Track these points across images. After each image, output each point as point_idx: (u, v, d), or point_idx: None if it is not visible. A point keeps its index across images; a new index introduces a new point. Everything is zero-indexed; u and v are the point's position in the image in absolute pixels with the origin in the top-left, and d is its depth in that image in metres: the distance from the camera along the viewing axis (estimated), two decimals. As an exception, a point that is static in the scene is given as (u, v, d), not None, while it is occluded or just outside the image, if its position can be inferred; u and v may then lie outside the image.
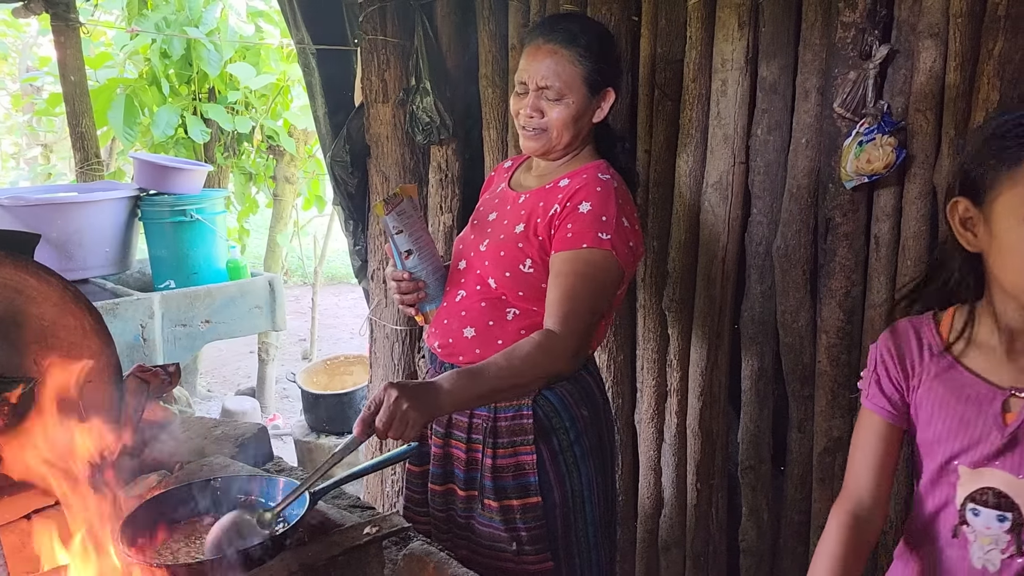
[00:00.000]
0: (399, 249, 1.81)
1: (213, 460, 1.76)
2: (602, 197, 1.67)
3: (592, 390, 1.85)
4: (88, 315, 1.63)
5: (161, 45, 5.38)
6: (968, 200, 1.20)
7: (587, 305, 1.64)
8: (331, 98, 3.05)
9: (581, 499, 1.79)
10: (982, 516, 1.26)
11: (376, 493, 3.12)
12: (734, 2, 2.05)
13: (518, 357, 1.56)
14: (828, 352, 2.06)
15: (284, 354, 6.75)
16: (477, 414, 1.76)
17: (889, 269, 1.95)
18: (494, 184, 2.01)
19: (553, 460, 1.75)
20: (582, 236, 1.65)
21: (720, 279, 2.23)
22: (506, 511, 1.73)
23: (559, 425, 1.76)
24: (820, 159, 2.01)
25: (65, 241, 3.82)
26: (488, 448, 1.74)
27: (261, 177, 6.19)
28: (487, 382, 1.54)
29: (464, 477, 1.79)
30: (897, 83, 1.87)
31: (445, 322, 1.82)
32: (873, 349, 1.38)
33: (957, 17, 1.73)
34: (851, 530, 1.29)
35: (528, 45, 1.77)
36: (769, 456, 2.31)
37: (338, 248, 8.40)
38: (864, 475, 1.33)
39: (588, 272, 1.64)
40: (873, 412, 1.35)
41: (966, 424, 1.26)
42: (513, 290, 1.74)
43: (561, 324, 1.60)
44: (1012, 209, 1.14)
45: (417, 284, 1.84)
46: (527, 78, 1.74)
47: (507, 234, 1.77)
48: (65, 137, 6.19)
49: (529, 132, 1.76)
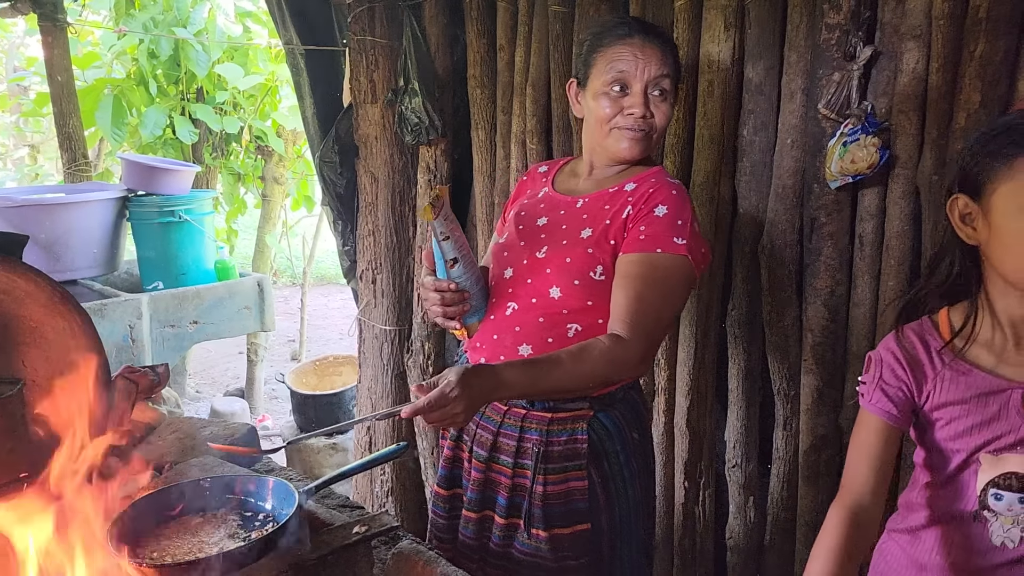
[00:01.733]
0: (445, 256, 1.66)
1: (203, 460, 1.76)
2: (677, 201, 1.62)
3: (641, 412, 1.79)
4: (76, 316, 1.63)
5: (149, 45, 5.36)
6: (967, 196, 1.27)
7: (656, 310, 1.56)
8: (320, 99, 3.06)
9: (628, 522, 1.71)
10: (1005, 499, 1.31)
11: (365, 493, 3.12)
12: (720, 4, 2.07)
13: (586, 363, 1.50)
14: (813, 351, 2.08)
15: (273, 355, 6.74)
16: (527, 437, 1.67)
17: (873, 268, 1.97)
18: (530, 189, 1.90)
19: (604, 485, 1.67)
20: (656, 239, 1.58)
21: (707, 279, 2.25)
22: (555, 540, 1.64)
23: (611, 449, 1.68)
24: (805, 159, 2.02)
25: (53, 242, 3.81)
26: (539, 475, 1.64)
27: (249, 178, 6.18)
28: (548, 383, 1.50)
29: (507, 504, 1.68)
30: (881, 84, 1.89)
31: (495, 337, 1.70)
32: (874, 355, 1.41)
33: (939, 19, 1.75)
34: (850, 527, 1.31)
35: (621, 43, 1.66)
36: (756, 454, 2.33)
37: (327, 249, 8.39)
38: (864, 474, 1.36)
39: (659, 277, 1.57)
40: (874, 415, 1.38)
41: (989, 420, 1.31)
42: (581, 300, 1.64)
43: (630, 329, 1.53)
44: (1010, 200, 1.21)
45: (462, 295, 1.69)
46: (634, 76, 1.65)
47: (571, 239, 1.67)
48: (52, 138, 6.16)
49: (638, 134, 1.67)
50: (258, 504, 1.49)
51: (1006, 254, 1.24)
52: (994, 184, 1.23)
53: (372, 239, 2.92)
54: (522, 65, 2.50)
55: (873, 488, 1.34)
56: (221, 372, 6.74)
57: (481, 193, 2.73)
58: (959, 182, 1.29)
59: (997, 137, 1.23)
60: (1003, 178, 1.21)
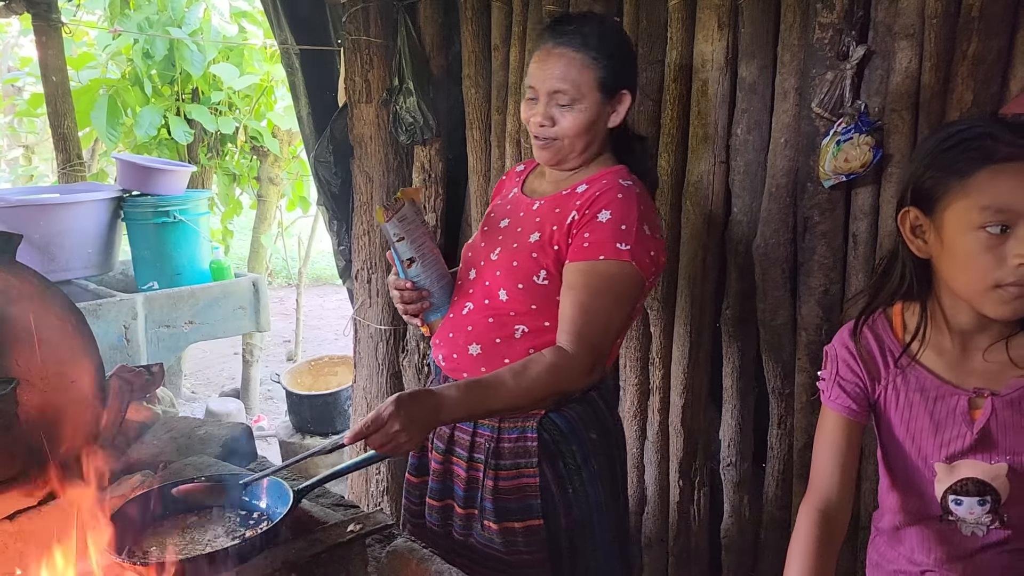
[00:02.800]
0: (401, 257, 1.73)
1: (197, 460, 1.76)
2: (623, 204, 1.59)
3: (601, 411, 1.77)
4: (71, 316, 1.63)
5: (144, 45, 5.35)
6: (918, 209, 1.26)
7: (603, 320, 1.55)
8: (315, 98, 3.06)
9: (590, 523, 1.72)
10: (964, 504, 1.33)
11: (360, 492, 3.12)
12: (714, 3, 2.07)
13: (529, 379, 1.49)
14: (807, 349, 2.09)
15: (268, 355, 6.73)
16: (480, 433, 1.70)
17: (867, 267, 1.97)
18: (506, 189, 1.91)
19: (559, 484, 1.68)
20: (600, 246, 1.56)
21: (701, 278, 2.25)
22: (507, 533, 1.67)
23: (566, 449, 1.69)
24: (799, 158, 2.03)
25: (47, 242, 3.80)
26: (490, 469, 1.68)
27: (245, 178, 6.18)
28: (494, 402, 1.49)
29: (464, 495, 1.73)
30: (874, 83, 1.90)
31: (450, 335, 1.75)
32: (830, 349, 1.43)
33: (932, 19, 1.76)
34: (822, 527, 1.32)
35: (538, 49, 1.67)
36: (750, 453, 2.33)
37: (322, 249, 8.39)
38: (830, 473, 1.38)
39: (604, 285, 1.55)
40: (835, 412, 1.39)
41: (936, 424, 1.33)
42: (525, 303, 1.65)
43: (575, 342, 1.52)
44: (963, 217, 1.19)
45: (421, 293, 1.76)
46: (537, 84, 1.65)
47: (520, 243, 1.68)
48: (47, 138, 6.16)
49: (541, 141, 1.67)
50: (252, 503, 1.49)
51: (958, 270, 1.23)
52: (947, 200, 1.21)
53: (367, 239, 2.92)
54: (517, 65, 2.50)
55: (840, 484, 1.36)
56: (216, 372, 6.73)
57: (476, 193, 2.73)
58: (911, 194, 1.27)
59: (950, 151, 1.22)
60: (957, 194, 1.20)
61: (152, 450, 1.88)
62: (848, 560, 2.11)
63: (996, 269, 1.17)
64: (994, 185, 1.16)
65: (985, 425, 1.29)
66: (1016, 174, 1.15)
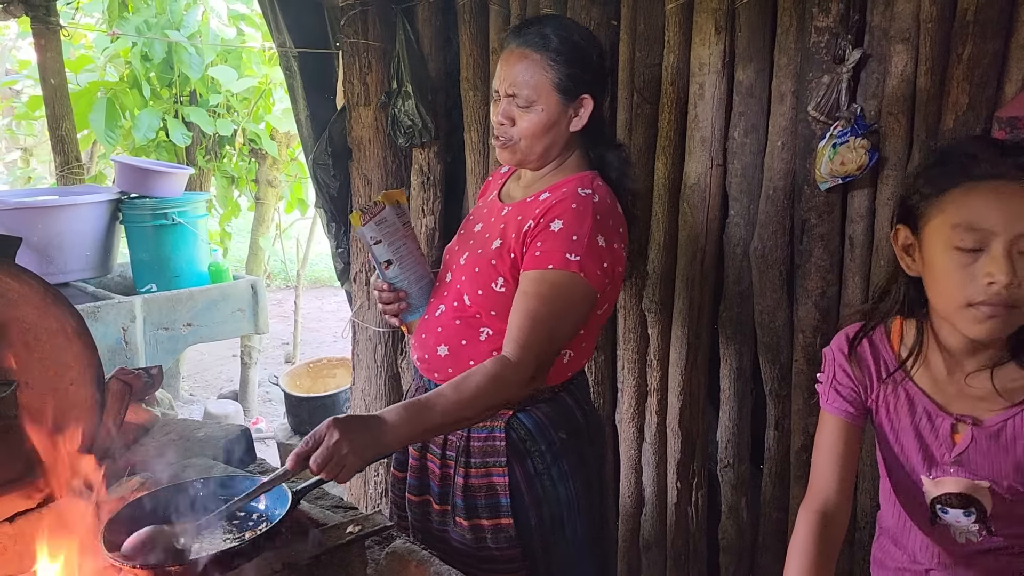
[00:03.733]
0: (378, 260, 1.77)
1: (196, 462, 1.76)
2: (576, 215, 1.57)
3: (571, 411, 1.77)
4: (70, 318, 1.63)
5: (142, 48, 5.37)
6: (907, 228, 1.26)
7: (547, 329, 1.55)
8: (313, 101, 3.06)
9: (561, 520, 1.73)
10: (951, 514, 1.35)
11: (359, 494, 3.13)
12: (711, 7, 2.08)
13: (468, 389, 1.49)
14: (805, 351, 2.09)
15: (267, 357, 6.73)
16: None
17: (863, 269, 1.98)
18: (489, 191, 1.93)
19: (528, 483, 1.70)
20: (549, 256, 1.56)
21: (699, 280, 2.26)
22: (476, 530, 1.70)
23: (534, 448, 1.70)
24: (795, 161, 2.04)
25: (46, 245, 3.81)
26: (460, 467, 1.71)
27: (243, 180, 6.19)
28: (434, 417, 1.47)
29: (439, 491, 1.76)
30: (870, 87, 1.91)
31: (423, 336, 1.77)
32: (828, 353, 1.44)
33: (927, 22, 1.77)
34: (821, 529, 1.34)
35: (503, 50, 1.70)
36: (748, 455, 2.34)
37: (321, 251, 8.39)
38: (829, 475, 1.39)
39: (551, 295, 1.55)
40: (833, 415, 1.40)
41: (921, 441, 1.35)
42: (486, 309, 1.67)
43: (518, 350, 1.53)
44: (939, 234, 1.19)
45: (398, 295, 1.79)
46: (498, 84, 1.67)
47: (484, 249, 1.71)
48: (45, 141, 6.16)
49: (500, 141, 1.69)
50: (251, 504, 1.49)
51: (936, 288, 1.23)
52: (927, 217, 1.21)
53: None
54: (515, 68, 2.51)
55: (839, 487, 1.37)
56: (215, 375, 6.73)
57: (474, 195, 2.74)
58: (901, 213, 1.28)
59: (932, 168, 1.22)
60: (935, 211, 1.20)
61: (151, 452, 1.88)
62: (845, 559, 2.12)
63: (968, 287, 1.16)
64: (967, 203, 1.15)
65: (964, 451, 1.30)
66: (989, 192, 1.14)
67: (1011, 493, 1.29)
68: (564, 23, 1.72)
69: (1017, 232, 1.12)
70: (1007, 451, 1.28)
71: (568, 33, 1.65)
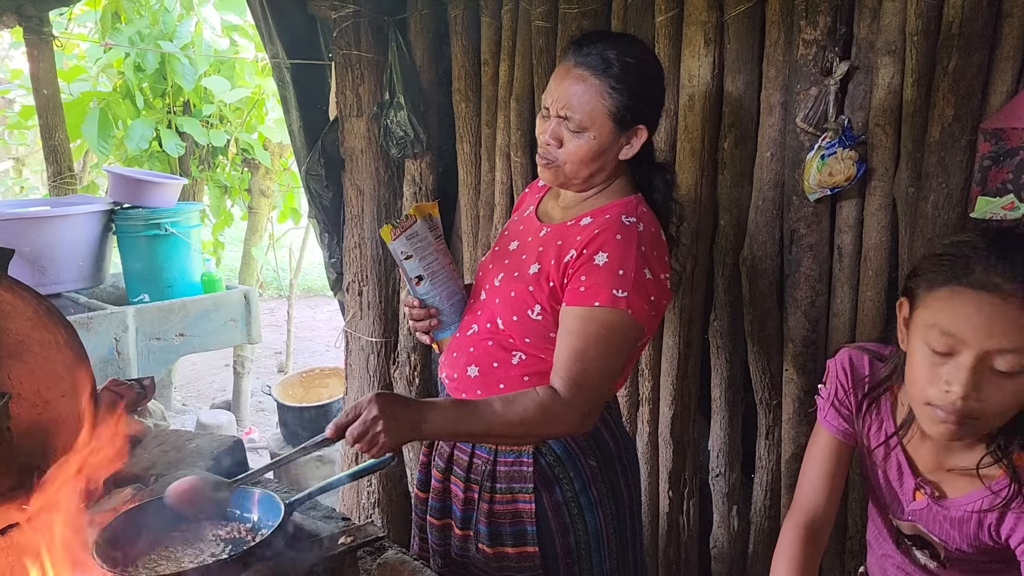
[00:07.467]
0: (409, 275, 1.70)
1: (188, 473, 1.76)
2: (621, 247, 1.50)
3: (603, 438, 1.70)
4: (62, 329, 1.64)
5: (135, 59, 5.37)
6: (908, 304, 1.25)
7: (598, 368, 1.49)
8: (306, 112, 3.07)
9: (588, 550, 1.67)
10: (911, 545, 1.42)
11: (352, 504, 3.12)
12: (700, 20, 2.10)
13: (517, 411, 1.45)
14: (794, 360, 2.11)
15: (259, 367, 6.72)
16: (478, 454, 1.67)
17: (852, 279, 2.00)
18: (524, 205, 1.84)
19: (556, 511, 1.64)
20: (596, 293, 1.48)
21: (689, 290, 2.27)
22: (501, 558, 1.64)
23: (563, 475, 1.64)
24: (784, 172, 2.05)
25: (38, 255, 3.81)
26: (486, 492, 1.65)
27: (236, 190, 6.19)
28: (477, 424, 1.45)
29: (461, 516, 1.70)
30: (857, 98, 1.93)
31: (454, 355, 1.71)
32: (832, 366, 1.46)
33: (913, 35, 1.79)
34: (806, 539, 1.36)
35: (560, 63, 1.58)
36: (739, 463, 2.35)
37: (313, 261, 8.39)
38: (817, 488, 1.41)
39: (600, 333, 1.48)
40: (827, 431, 1.42)
41: (887, 483, 1.39)
42: (520, 335, 1.60)
43: (569, 388, 1.47)
44: (920, 328, 1.19)
45: (429, 311, 1.72)
46: (550, 102, 1.56)
47: (521, 273, 1.62)
48: (38, 151, 6.15)
49: (544, 160, 1.60)
50: (244, 516, 1.49)
51: (908, 374, 1.23)
52: (917, 304, 1.21)
53: (358, 251, 2.93)
54: (506, 79, 2.53)
55: (826, 502, 1.40)
56: (207, 384, 6.71)
57: (466, 206, 2.75)
58: (905, 287, 1.27)
59: (931, 259, 1.21)
60: (924, 303, 1.19)
61: (143, 463, 1.88)
62: (836, 569, 2.13)
63: (930, 388, 1.17)
64: (949, 307, 1.14)
65: (919, 512, 1.34)
66: (972, 302, 1.11)
67: (961, 553, 1.33)
68: (631, 48, 1.57)
69: (988, 348, 1.10)
70: (960, 526, 1.30)
71: (633, 60, 1.54)
